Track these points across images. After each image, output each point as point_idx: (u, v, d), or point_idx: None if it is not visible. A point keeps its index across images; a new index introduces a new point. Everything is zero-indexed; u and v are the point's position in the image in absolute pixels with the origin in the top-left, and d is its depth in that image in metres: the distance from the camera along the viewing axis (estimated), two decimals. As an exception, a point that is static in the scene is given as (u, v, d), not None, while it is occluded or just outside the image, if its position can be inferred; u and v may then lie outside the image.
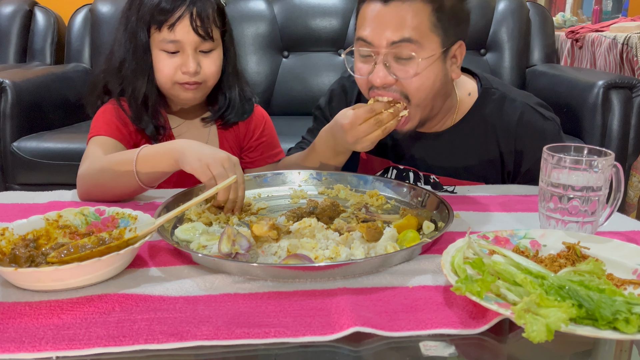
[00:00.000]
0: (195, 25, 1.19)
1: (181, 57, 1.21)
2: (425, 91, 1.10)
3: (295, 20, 2.83)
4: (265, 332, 0.63)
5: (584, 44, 2.70)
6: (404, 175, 1.28)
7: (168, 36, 1.19)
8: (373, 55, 1.09)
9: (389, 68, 1.08)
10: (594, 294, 0.63)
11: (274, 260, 0.81)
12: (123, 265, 0.77)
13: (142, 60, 1.23)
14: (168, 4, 1.18)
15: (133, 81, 1.25)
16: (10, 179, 2.29)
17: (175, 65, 1.22)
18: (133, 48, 1.23)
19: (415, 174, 1.27)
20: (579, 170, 0.86)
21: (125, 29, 1.24)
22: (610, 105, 2.16)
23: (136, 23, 1.22)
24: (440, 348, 0.63)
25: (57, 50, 2.92)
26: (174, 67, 1.22)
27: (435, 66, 1.09)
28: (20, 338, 0.62)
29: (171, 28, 1.18)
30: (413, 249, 0.82)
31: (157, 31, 1.20)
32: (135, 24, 1.22)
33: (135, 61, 1.23)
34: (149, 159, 1.04)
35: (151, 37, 1.22)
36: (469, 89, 1.26)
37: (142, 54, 1.23)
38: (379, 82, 1.08)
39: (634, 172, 2.34)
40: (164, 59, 1.22)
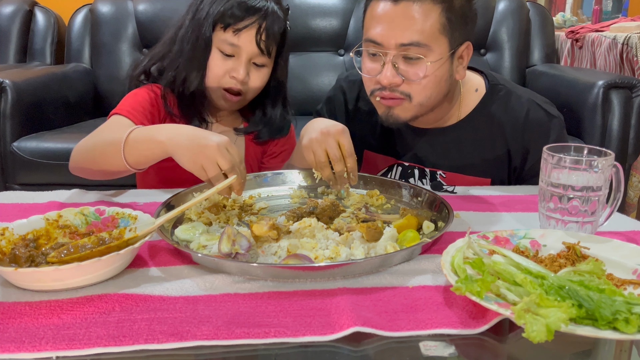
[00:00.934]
0: (259, 38, 1.21)
1: (234, 62, 1.22)
2: (429, 92, 1.12)
3: (295, 20, 2.82)
4: (265, 332, 0.63)
5: (584, 44, 2.70)
6: (409, 172, 1.28)
7: (231, 39, 1.20)
8: (382, 55, 1.09)
9: (397, 69, 1.09)
10: (594, 294, 0.63)
11: (274, 260, 0.81)
12: (123, 265, 0.77)
13: (201, 53, 1.23)
14: (241, 12, 1.20)
15: (188, 71, 1.24)
16: (10, 179, 2.29)
17: (226, 68, 1.23)
18: (195, 39, 1.23)
19: (421, 171, 1.27)
20: (579, 170, 0.86)
21: (192, 18, 1.24)
22: (610, 105, 2.16)
23: (205, 16, 1.22)
24: (440, 348, 0.63)
25: (57, 50, 2.92)
26: (224, 70, 1.23)
27: (442, 68, 1.10)
28: (20, 338, 0.62)
29: (237, 32, 1.20)
30: (413, 249, 0.82)
31: (221, 30, 1.21)
32: (204, 17, 1.22)
33: (194, 53, 1.23)
34: (138, 145, 1.01)
35: (214, 34, 1.22)
36: (476, 85, 1.26)
37: (202, 47, 1.23)
38: (387, 82, 1.10)
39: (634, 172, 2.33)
40: (218, 59, 1.23)
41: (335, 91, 1.40)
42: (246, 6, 1.20)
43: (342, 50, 2.87)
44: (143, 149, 1.01)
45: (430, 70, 1.08)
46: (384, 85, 1.11)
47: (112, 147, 1.03)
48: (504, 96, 1.23)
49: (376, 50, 1.10)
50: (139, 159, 1.03)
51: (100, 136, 1.11)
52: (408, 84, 1.10)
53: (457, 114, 1.25)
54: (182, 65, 1.25)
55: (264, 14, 1.21)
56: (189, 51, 1.24)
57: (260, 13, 1.20)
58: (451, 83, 1.16)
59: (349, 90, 1.37)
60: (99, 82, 2.83)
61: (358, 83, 1.34)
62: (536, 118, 1.21)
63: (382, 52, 1.09)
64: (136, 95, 1.26)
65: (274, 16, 1.23)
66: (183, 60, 1.25)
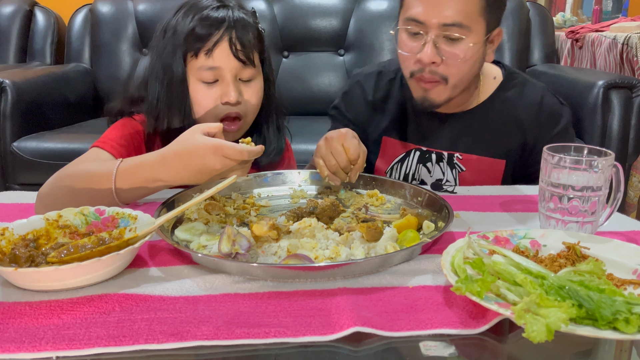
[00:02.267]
0: (235, 49, 1.09)
1: (221, 86, 1.10)
2: (464, 73, 1.16)
3: (295, 20, 2.83)
4: (265, 332, 0.63)
5: (584, 44, 2.70)
6: (426, 157, 1.32)
7: (206, 63, 1.09)
8: (423, 34, 1.12)
9: (437, 49, 1.12)
10: (594, 294, 0.63)
11: (274, 260, 0.81)
12: (123, 265, 0.77)
13: (178, 93, 1.11)
14: (204, 29, 1.08)
15: (169, 116, 1.12)
16: (10, 179, 2.29)
17: (215, 97, 1.10)
18: (168, 80, 1.11)
19: (439, 155, 1.31)
20: (579, 170, 0.86)
21: (159, 57, 1.13)
22: (610, 105, 2.16)
23: (171, 53, 1.11)
24: (440, 348, 0.63)
25: (57, 50, 2.92)
26: (213, 99, 1.11)
27: (478, 50, 1.16)
28: (20, 338, 0.62)
29: (209, 54, 1.08)
30: (413, 249, 0.82)
31: (193, 58, 1.10)
32: (170, 54, 1.11)
33: (171, 94, 1.12)
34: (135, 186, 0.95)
35: (188, 66, 1.11)
36: (494, 73, 1.33)
37: (178, 86, 1.11)
38: (427, 60, 1.13)
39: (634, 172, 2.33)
40: (202, 90, 1.10)
41: (351, 85, 1.43)
42: (208, 22, 1.08)
43: (342, 50, 2.87)
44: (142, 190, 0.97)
45: (469, 52, 1.13)
46: (423, 65, 1.14)
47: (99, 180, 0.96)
48: (520, 83, 1.30)
49: (418, 29, 1.12)
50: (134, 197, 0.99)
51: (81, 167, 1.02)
52: (446, 64, 1.14)
53: (477, 99, 1.30)
54: (162, 112, 1.12)
55: (230, 24, 1.09)
56: (165, 95, 1.12)
57: (225, 24, 1.09)
58: (481, 66, 1.22)
59: (365, 81, 1.40)
60: (99, 82, 2.83)
61: (374, 74, 1.39)
62: (549, 104, 1.27)
63: (424, 30, 1.11)
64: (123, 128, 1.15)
65: (242, 22, 1.11)
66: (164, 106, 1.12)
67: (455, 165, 1.30)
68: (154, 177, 0.95)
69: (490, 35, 1.17)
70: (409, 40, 1.16)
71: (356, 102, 1.40)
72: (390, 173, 1.37)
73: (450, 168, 1.30)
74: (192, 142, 0.91)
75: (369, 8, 2.84)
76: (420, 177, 1.33)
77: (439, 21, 1.09)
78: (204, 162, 0.90)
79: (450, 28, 1.10)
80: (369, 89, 1.39)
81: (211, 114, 1.12)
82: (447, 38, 1.11)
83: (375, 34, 2.79)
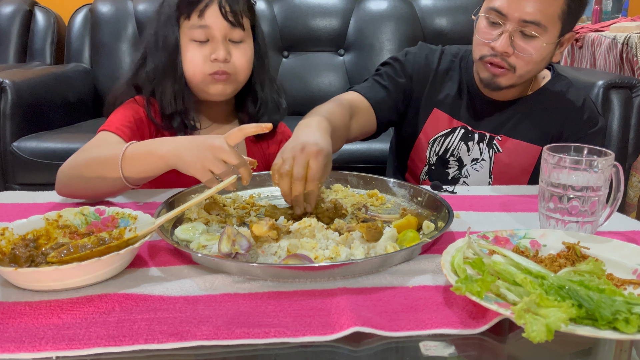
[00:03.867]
0: (225, 10, 1.18)
1: (211, 45, 1.19)
2: (532, 67, 1.24)
3: (295, 20, 2.83)
4: (265, 332, 0.63)
5: (584, 44, 2.70)
6: (469, 136, 1.38)
7: (197, 22, 1.18)
8: (501, 24, 1.20)
9: (512, 41, 1.20)
10: (594, 294, 0.63)
11: (274, 260, 0.81)
12: (123, 265, 0.77)
13: (172, 55, 1.21)
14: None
15: (163, 79, 1.22)
16: (10, 179, 2.29)
17: (205, 54, 1.19)
18: (163, 45, 1.22)
19: (481, 135, 1.38)
20: (579, 170, 0.86)
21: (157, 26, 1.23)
22: (610, 105, 2.16)
23: (165, 21, 1.21)
24: (440, 348, 0.63)
25: (57, 50, 2.92)
26: (203, 56, 1.19)
27: (550, 50, 1.24)
28: (20, 338, 0.62)
29: (201, 14, 1.17)
30: (413, 249, 0.82)
31: (186, 20, 1.20)
32: (165, 22, 1.21)
33: (165, 58, 1.21)
34: (137, 160, 1.00)
35: (181, 29, 1.21)
36: (544, 74, 1.41)
37: (172, 49, 1.21)
38: (500, 49, 1.21)
39: (634, 172, 2.33)
40: (194, 48, 1.20)
41: (419, 49, 1.48)
42: None
43: (342, 50, 2.87)
44: (143, 164, 1.00)
45: (541, 51, 1.21)
46: (495, 52, 1.22)
47: (108, 164, 1.01)
48: (566, 84, 1.38)
49: (498, 20, 1.20)
50: (139, 175, 1.01)
51: (91, 153, 1.08)
52: (516, 56, 1.22)
53: (526, 92, 1.37)
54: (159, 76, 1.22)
55: None
56: (160, 60, 1.22)
57: None
58: (547, 64, 1.30)
59: (431, 53, 1.45)
60: (98, 82, 2.83)
61: (438, 50, 1.46)
62: (590, 107, 1.36)
63: (503, 21, 1.19)
64: (125, 110, 1.23)
65: None
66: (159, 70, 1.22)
67: (493, 145, 1.36)
68: (151, 149, 1.00)
69: (562, 38, 1.24)
70: (488, 28, 1.24)
71: (420, 63, 1.43)
72: (432, 144, 1.42)
73: (489, 148, 1.36)
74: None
75: (369, 8, 2.83)
76: (459, 155, 1.39)
77: (520, 16, 1.17)
78: (206, 138, 0.95)
79: (528, 25, 1.18)
80: (435, 59, 1.44)
81: (201, 71, 1.20)
82: (522, 33, 1.19)
83: (375, 34, 2.79)
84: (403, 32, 2.80)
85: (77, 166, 1.06)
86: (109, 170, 1.01)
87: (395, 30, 2.80)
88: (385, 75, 1.41)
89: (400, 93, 1.41)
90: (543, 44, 1.20)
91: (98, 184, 1.04)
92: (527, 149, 1.35)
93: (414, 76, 1.42)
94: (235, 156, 0.93)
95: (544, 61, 1.26)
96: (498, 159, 1.36)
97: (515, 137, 1.36)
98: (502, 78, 1.26)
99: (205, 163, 0.93)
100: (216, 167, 0.93)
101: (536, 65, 1.25)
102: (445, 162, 1.41)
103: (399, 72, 1.42)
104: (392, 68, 1.44)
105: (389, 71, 1.43)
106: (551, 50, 1.24)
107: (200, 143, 0.95)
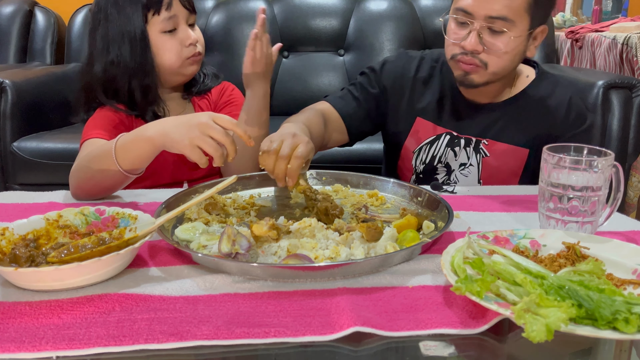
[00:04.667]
0: (185, 1, 1.30)
1: (180, 33, 1.30)
2: (504, 63, 1.23)
3: (295, 20, 2.83)
4: (265, 332, 0.63)
5: (584, 44, 2.70)
6: (455, 142, 1.36)
7: (167, 14, 1.27)
8: (469, 24, 1.20)
9: (481, 38, 1.20)
10: (594, 294, 0.63)
11: (274, 260, 0.81)
12: (123, 265, 0.77)
13: (142, 50, 1.27)
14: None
15: (133, 76, 1.28)
16: (10, 179, 2.29)
17: (178, 41, 1.30)
18: (129, 43, 1.27)
19: (467, 140, 1.36)
20: (578, 170, 0.86)
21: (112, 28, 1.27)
22: (610, 105, 2.16)
23: (126, 21, 1.26)
24: (440, 348, 0.63)
25: (57, 50, 2.92)
26: (178, 44, 1.30)
27: (520, 44, 1.22)
28: (20, 338, 0.62)
29: (168, 7, 1.28)
30: (413, 248, 0.82)
31: (156, 15, 1.27)
32: (126, 22, 1.26)
33: (134, 55, 1.27)
34: (128, 149, 1.03)
35: (149, 24, 1.28)
36: (527, 72, 1.39)
37: (141, 44, 1.27)
38: (470, 48, 1.20)
39: (633, 172, 2.33)
40: (167, 39, 1.29)
41: (396, 57, 1.47)
42: None
43: (342, 50, 2.87)
44: (134, 150, 1.03)
45: (511, 44, 1.20)
46: (466, 51, 1.21)
47: (105, 159, 1.04)
48: (552, 82, 1.36)
49: (465, 19, 1.20)
50: (133, 162, 1.03)
51: (89, 155, 1.11)
52: (487, 53, 1.21)
53: (509, 93, 1.36)
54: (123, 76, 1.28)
55: None
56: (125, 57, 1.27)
57: None
58: (521, 60, 1.28)
59: (410, 60, 1.44)
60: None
61: (418, 57, 1.45)
62: (578, 105, 1.34)
63: (470, 21, 1.19)
64: (95, 120, 1.28)
65: None
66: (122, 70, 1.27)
67: (480, 150, 1.35)
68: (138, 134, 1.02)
69: (533, 31, 1.23)
70: (456, 28, 1.24)
71: (397, 73, 1.42)
72: (418, 153, 1.40)
73: (476, 153, 1.35)
74: None
75: (369, 8, 2.83)
76: (447, 160, 1.38)
77: (486, 13, 1.17)
78: (193, 116, 0.98)
79: (495, 21, 1.17)
80: (412, 67, 1.43)
81: (180, 57, 1.31)
82: (491, 30, 1.19)
83: (375, 34, 2.79)
84: (403, 32, 2.79)
85: (80, 168, 1.10)
86: (107, 164, 1.04)
87: (395, 31, 2.80)
88: (359, 85, 1.41)
89: (372, 104, 1.40)
90: (511, 37, 1.18)
91: (102, 180, 1.07)
92: (514, 152, 1.33)
93: (389, 87, 1.41)
94: (222, 132, 0.95)
95: (517, 56, 1.24)
96: (486, 163, 1.35)
97: (502, 141, 1.34)
98: (475, 75, 1.25)
99: (194, 140, 0.95)
100: (204, 143, 0.95)
101: (509, 61, 1.23)
102: (433, 169, 1.39)
103: (373, 83, 1.41)
104: (367, 78, 1.43)
105: (364, 81, 1.42)
106: (523, 44, 1.23)
107: (187, 120, 0.97)
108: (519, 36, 1.20)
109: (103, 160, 1.04)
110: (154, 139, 1.00)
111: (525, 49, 1.25)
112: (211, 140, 0.94)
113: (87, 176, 1.08)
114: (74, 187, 1.11)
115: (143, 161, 1.04)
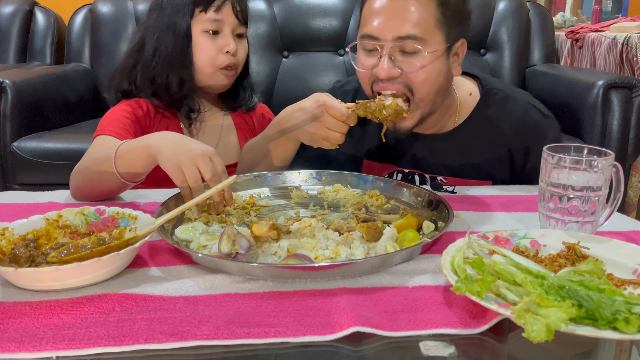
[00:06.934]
0: (236, 10, 1.31)
1: (221, 38, 1.31)
2: (429, 84, 1.11)
3: (295, 20, 2.83)
4: (265, 332, 0.63)
5: (584, 44, 2.70)
6: (409, 179, 1.28)
7: (214, 16, 1.29)
8: (378, 49, 1.09)
9: (394, 61, 1.09)
10: (594, 294, 0.63)
11: (274, 260, 0.81)
12: (123, 265, 0.77)
13: (184, 42, 1.29)
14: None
15: (171, 65, 1.30)
16: (10, 179, 2.29)
17: (216, 47, 1.30)
18: (173, 34, 1.29)
19: (421, 177, 1.28)
20: (579, 170, 0.86)
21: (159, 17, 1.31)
22: (610, 105, 2.16)
23: (176, 10, 1.29)
24: (440, 348, 0.63)
25: (57, 50, 2.92)
26: (215, 49, 1.30)
27: (439, 61, 1.11)
28: (20, 338, 0.62)
29: (217, 10, 1.29)
30: (413, 249, 0.82)
31: (202, 13, 1.29)
32: (176, 11, 1.29)
33: (175, 47, 1.29)
34: (127, 157, 1.02)
35: (194, 19, 1.29)
36: (469, 90, 1.27)
37: (183, 36, 1.29)
38: (384, 75, 1.09)
39: (634, 172, 2.33)
40: (207, 40, 1.29)
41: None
42: None
43: (342, 50, 2.87)
44: (132, 158, 1.02)
45: (427, 60, 1.08)
46: (381, 78, 1.10)
47: (105, 164, 1.04)
48: (501, 100, 1.25)
49: (373, 45, 1.10)
50: (130, 170, 1.02)
51: (91, 157, 1.11)
52: (407, 76, 1.09)
53: (455, 119, 1.26)
54: (163, 65, 1.30)
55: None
56: (168, 48, 1.29)
57: None
58: (448, 79, 1.17)
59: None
60: (99, 82, 2.82)
61: (352, 93, 1.34)
62: (534, 119, 1.24)
63: (379, 45, 1.09)
64: (114, 114, 1.28)
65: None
66: (163, 59, 1.30)
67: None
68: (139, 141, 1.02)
69: (452, 47, 1.13)
70: (365, 57, 1.13)
71: None
72: None
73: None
74: None
75: (369, 8, 2.83)
76: None
77: (393, 35, 1.07)
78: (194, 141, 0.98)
79: (404, 41, 1.07)
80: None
81: (213, 62, 1.31)
82: (402, 51, 1.08)
83: (375, 34, 2.79)
84: (403, 32, 2.80)
85: (82, 169, 1.10)
86: (106, 168, 1.04)
87: (395, 30, 2.80)
88: None
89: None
90: (425, 53, 1.07)
91: (100, 184, 1.07)
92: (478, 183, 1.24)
93: None
94: (210, 170, 0.93)
95: (441, 77, 1.12)
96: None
97: (459, 176, 1.25)
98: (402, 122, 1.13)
99: (181, 162, 0.93)
100: (188, 171, 0.92)
101: (434, 82, 1.11)
102: None
103: None
104: None
105: None
106: (442, 62, 1.11)
107: (185, 143, 0.97)
108: (434, 51, 1.08)
109: (103, 163, 1.04)
110: (150, 148, 0.99)
111: (448, 68, 1.14)
112: (196, 171, 0.92)
113: (86, 178, 1.08)
114: (74, 188, 1.11)
115: (139, 169, 1.03)
